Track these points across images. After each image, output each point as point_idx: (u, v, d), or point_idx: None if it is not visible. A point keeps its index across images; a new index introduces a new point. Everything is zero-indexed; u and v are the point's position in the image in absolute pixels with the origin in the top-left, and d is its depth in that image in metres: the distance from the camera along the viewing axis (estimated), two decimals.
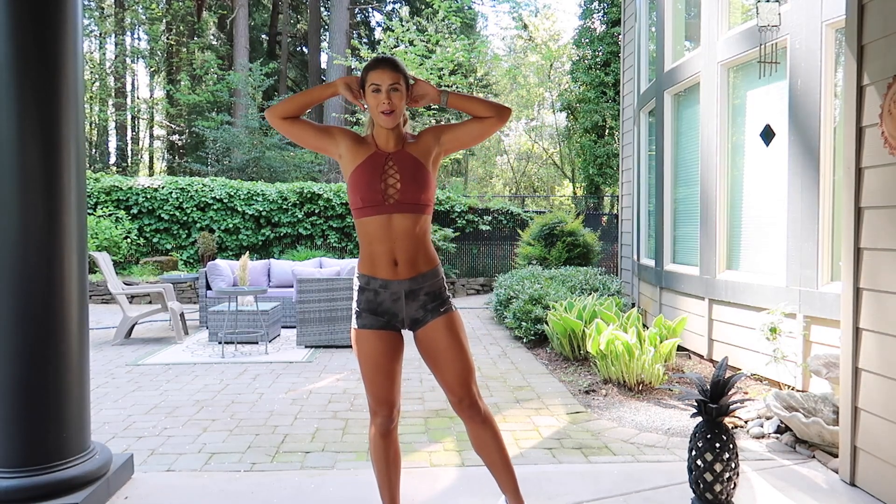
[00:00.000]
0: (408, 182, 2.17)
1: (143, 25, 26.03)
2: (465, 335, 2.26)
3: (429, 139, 2.27)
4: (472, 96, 2.30)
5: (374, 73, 2.16)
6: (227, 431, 3.83)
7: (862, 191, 2.90)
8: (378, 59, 2.19)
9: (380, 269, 2.19)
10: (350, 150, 2.23)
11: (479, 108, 2.24)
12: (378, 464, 2.33)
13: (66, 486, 2.52)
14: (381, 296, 2.21)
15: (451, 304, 2.27)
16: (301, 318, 6.53)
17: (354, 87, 2.24)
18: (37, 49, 2.50)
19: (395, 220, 2.16)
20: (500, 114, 2.24)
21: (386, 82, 2.15)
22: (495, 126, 2.26)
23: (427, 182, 2.20)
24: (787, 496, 2.81)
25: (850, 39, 2.98)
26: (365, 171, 2.18)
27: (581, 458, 3.37)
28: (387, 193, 2.15)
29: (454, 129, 2.30)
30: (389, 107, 2.15)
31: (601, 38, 17.58)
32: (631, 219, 8.69)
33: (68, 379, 2.59)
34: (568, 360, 5.71)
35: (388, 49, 17.01)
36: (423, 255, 2.22)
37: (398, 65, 2.18)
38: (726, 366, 2.67)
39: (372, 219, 2.17)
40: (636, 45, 8.38)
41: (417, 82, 2.26)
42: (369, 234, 2.19)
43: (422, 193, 2.18)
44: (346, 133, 2.27)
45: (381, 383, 2.23)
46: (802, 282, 4.24)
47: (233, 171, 16.65)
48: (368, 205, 2.16)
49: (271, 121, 2.26)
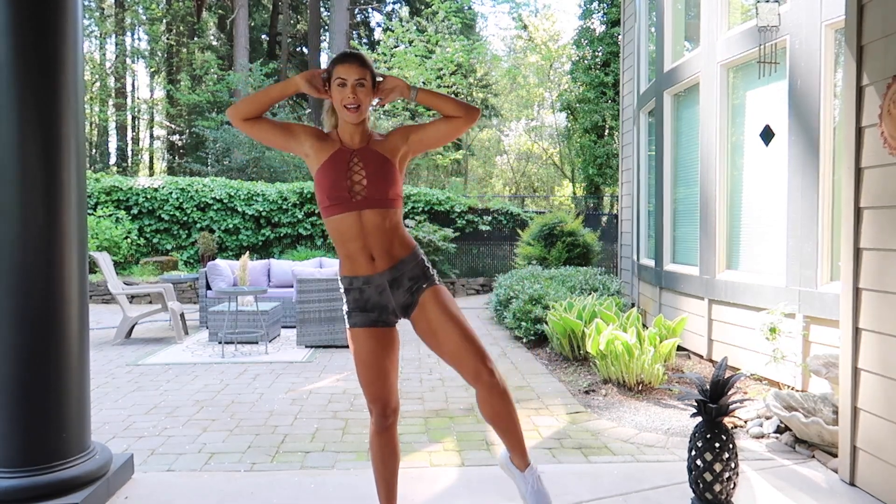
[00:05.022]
0: (374, 178, 2.15)
1: (143, 26, 26.05)
2: (455, 304, 2.23)
3: (396, 138, 2.27)
4: (443, 94, 2.28)
5: (340, 67, 2.15)
6: (226, 431, 3.83)
7: (862, 191, 2.90)
8: (345, 54, 2.18)
9: (358, 266, 2.19)
10: (314, 148, 2.21)
11: (448, 107, 2.23)
12: (374, 461, 2.33)
13: (66, 486, 2.52)
14: (367, 292, 2.20)
15: (433, 279, 2.24)
16: (301, 318, 6.53)
17: (317, 82, 2.21)
18: (37, 49, 2.50)
19: (365, 216, 2.14)
20: (468, 114, 2.23)
21: (352, 77, 2.13)
22: (463, 126, 2.24)
23: (394, 177, 2.19)
24: (786, 496, 2.81)
25: (850, 40, 2.98)
26: (330, 169, 2.16)
27: (581, 458, 3.37)
28: (353, 190, 2.14)
29: (422, 128, 2.29)
30: (355, 101, 2.13)
31: (601, 38, 17.57)
32: (631, 219, 8.69)
33: (68, 379, 2.59)
34: (568, 360, 5.71)
35: (387, 49, 17.01)
36: (398, 243, 2.21)
37: (365, 60, 2.18)
38: (726, 366, 2.67)
39: (341, 216, 2.15)
40: (636, 46, 8.38)
41: (386, 77, 2.25)
42: (341, 233, 2.18)
43: (389, 189, 2.17)
44: (309, 130, 2.25)
45: (373, 381, 2.22)
46: (802, 282, 4.24)
47: (233, 171, 16.65)
48: (335, 203, 2.15)
49: (233, 121, 2.24)
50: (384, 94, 2.25)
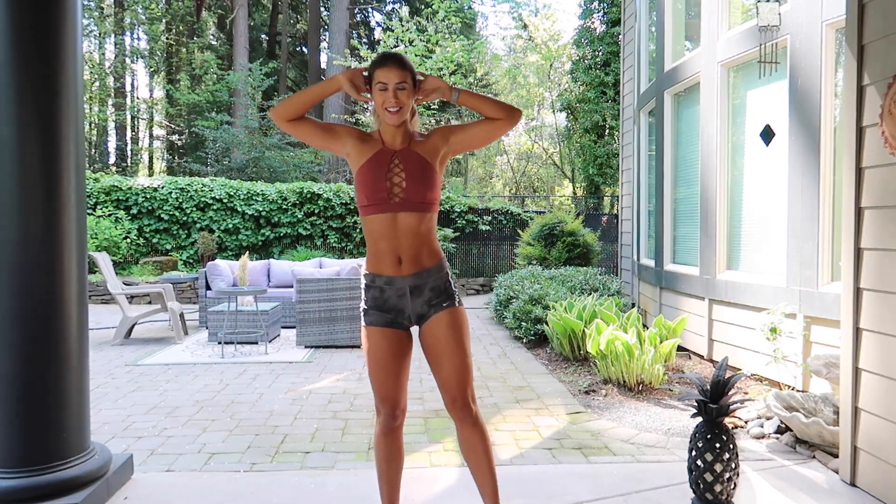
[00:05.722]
0: (413, 180, 2.15)
1: (143, 25, 26.04)
2: (467, 334, 2.25)
3: (437, 139, 2.26)
4: (484, 95, 2.26)
5: (380, 71, 2.14)
6: (226, 431, 3.83)
7: (862, 191, 2.90)
8: (385, 56, 2.17)
9: (384, 266, 2.19)
10: (356, 148, 2.22)
11: (490, 109, 2.22)
12: (378, 462, 2.33)
13: (65, 486, 2.51)
14: (387, 292, 2.21)
15: (455, 300, 2.25)
16: (301, 319, 6.53)
17: (358, 81, 2.21)
18: (36, 49, 2.50)
19: (401, 218, 2.15)
20: (510, 115, 2.21)
21: (393, 80, 2.13)
22: (505, 127, 2.23)
23: (433, 181, 2.19)
24: (787, 496, 2.81)
25: (851, 39, 2.98)
26: (370, 169, 2.17)
27: (581, 459, 3.36)
28: (392, 192, 2.14)
29: (463, 129, 2.28)
30: (396, 104, 2.14)
31: (601, 38, 17.57)
32: (631, 219, 8.68)
33: (68, 379, 2.59)
34: (568, 361, 5.71)
35: (387, 49, 17.00)
36: (427, 250, 2.21)
37: (405, 62, 2.16)
38: (726, 366, 2.66)
39: (377, 216, 2.16)
40: (636, 45, 8.37)
41: (428, 78, 2.24)
42: (374, 232, 2.19)
43: (427, 192, 2.17)
44: (351, 131, 2.27)
45: (384, 381, 2.22)
46: (802, 282, 4.23)
47: (232, 171, 16.64)
48: (373, 203, 2.15)
49: (276, 122, 2.25)
50: (425, 94, 2.24)
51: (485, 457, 2.26)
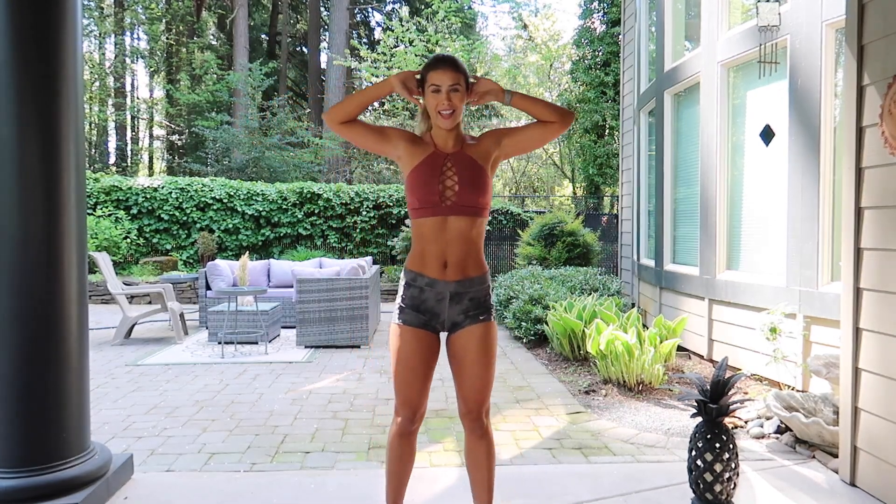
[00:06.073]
0: (466, 184, 2.14)
1: (143, 25, 26.04)
2: (495, 350, 2.24)
3: (489, 142, 2.24)
4: (537, 98, 2.25)
5: (434, 74, 2.13)
6: (226, 431, 3.83)
7: (862, 191, 2.90)
8: (438, 59, 2.15)
9: (429, 267, 2.17)
10: (407, 151, 2.20)
11: (543, 112, 2.20)
12: (391, 463, 2.30)
13: (65, 486, 2.51)
14: (426, 293, 2.18)
15: (492, 315, 2.23)
16: (301, 319, 6.53)
17: (411, 84, 2.20)
18: (36, 49, 2.50)
19: (451, 221, 2.14)
20: (563, 118, 2.20)
21: (446, 83, 2.11)
22: (558, 130, 2.21)
23: (485, 185, 2.17)
24: (787, 496, 2.81)
25: (851, 39, 2.98)
26: (422, 172, 2.15)
27: (581, 459, 3.36)
28: (444, 195, 2.13)
29: (515, 132, 2.26)
30: (449, 107, 2.12)
31: (601, 38, 17.57)
32: (631, 219, 8.68)
33: (68, 379, 2.59)
34: (568, 361, 5.71)
35: (387, 49, 17.00)
36: (473, 259, 2.19)
37: (459, 64, 2.15)
38: (726, 366, 2.66)
39: (427, 220, 2.14)
40: (636, 45, 8.37)
41: (480, 80, 2.22)
42: (423, 234, 2.17)
43: (479, 197, 2.15)
44: (402, 134, 2.25)
45: (410, 382, 2.19)
46: (802, 282, 4.24)
47: (232, 171, 16.64)
48: (425, 206, 2.14)
49: (329, 125, 2.24)
50: (478, 96, 2.23)
51: (486, 469, 2.26)
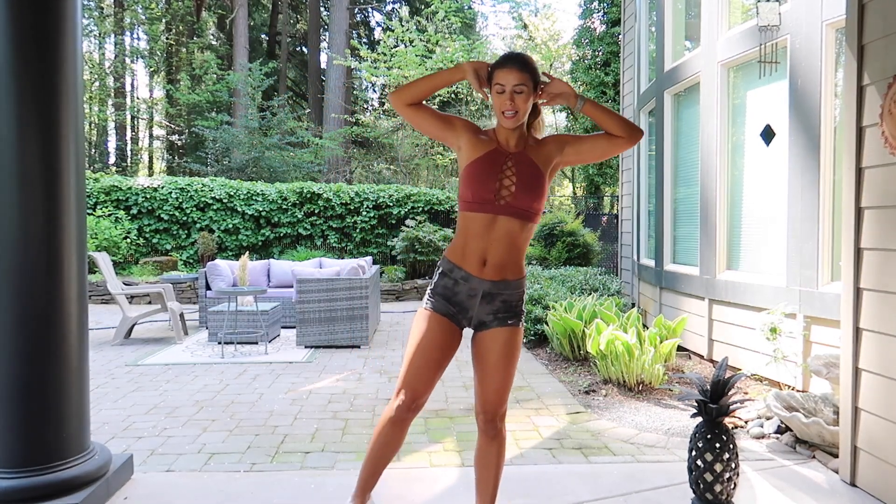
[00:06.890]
0: (523, 186, 2.10)
1: (143, 25, 26.02)
2: (518, 355, 2.22)
3: (552, 147, 2.20)
4: (610, 110, 2.19)
5: (500, 73, 2.09)
6: (226, 431, 3.83)
7: (862, 191, 2.90)
8: (507, 57, 2.11)
9: (468, 262, 2.14)
10: (470, 142, 2.17)
11: (613, 125, 2.14)
12: (375, 447, 2.24)
13: (65, 486, 2.51)
14: (460, 286, 2.16)
15: (521, 320, 2.21)
16: (301, 319, 6.53)
17: (482, 73, 2.16)
18: (36, 49, 2.49)
19: (501, 221, 2.10)
20: (631, 134, 2.14)
21: (511, 83, 2.07)
22: (625, 146, 2.16)
23: (542, 190, 2.14)
24: (787, 496, 2.81)
25: (851, 39, 2.98)
26: (481, 167, 2.12)
27: (581, 459, 3.36)
28: (500, 194, 2.09)
29: (580, 141, 2.21)
30: (512, 108, 2.08)
31: (601, 38, 17.56)
32: (631, 219, 8.68)
33: (68, 379, 2.59)
34: (568, 361, 5.71)
35: (387, 49, 16.99)
36: (513, 262, 2.16)
37: (527, 63, 2.10)
38: (726, 366, 2.66)
39: (477, 215, 2.11)
40: (636, 45, 8.37)
41: (553, 80, 2.17)
42: (469, 228, 2.14)
43: (534, 201, 2.12)
44: (467, 124, 2.22)
45: (420, 367, 2.15)
46: (802, 282, 4.23)
47: (232, 171, 16.63)
48: (478, 201, 2.10)
49: (395, 106, 2.20)
50: (549, 97, 2.19)
51: (494, 470, 2.26)
